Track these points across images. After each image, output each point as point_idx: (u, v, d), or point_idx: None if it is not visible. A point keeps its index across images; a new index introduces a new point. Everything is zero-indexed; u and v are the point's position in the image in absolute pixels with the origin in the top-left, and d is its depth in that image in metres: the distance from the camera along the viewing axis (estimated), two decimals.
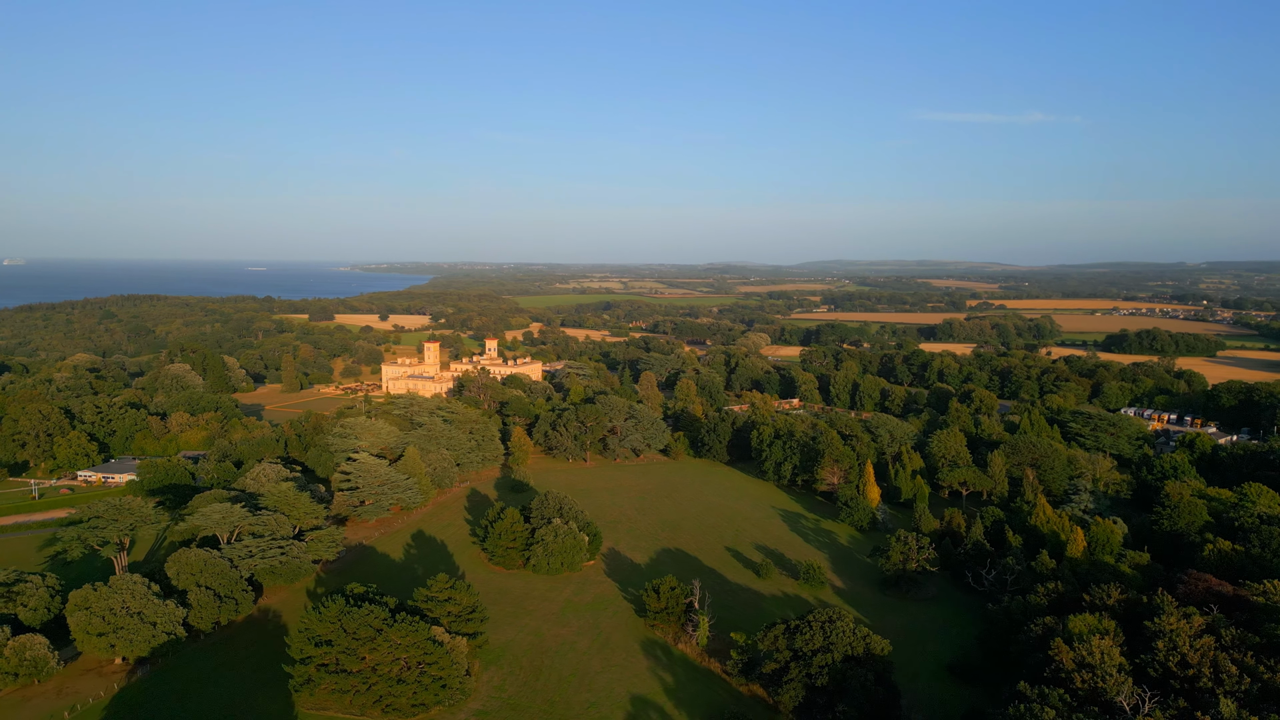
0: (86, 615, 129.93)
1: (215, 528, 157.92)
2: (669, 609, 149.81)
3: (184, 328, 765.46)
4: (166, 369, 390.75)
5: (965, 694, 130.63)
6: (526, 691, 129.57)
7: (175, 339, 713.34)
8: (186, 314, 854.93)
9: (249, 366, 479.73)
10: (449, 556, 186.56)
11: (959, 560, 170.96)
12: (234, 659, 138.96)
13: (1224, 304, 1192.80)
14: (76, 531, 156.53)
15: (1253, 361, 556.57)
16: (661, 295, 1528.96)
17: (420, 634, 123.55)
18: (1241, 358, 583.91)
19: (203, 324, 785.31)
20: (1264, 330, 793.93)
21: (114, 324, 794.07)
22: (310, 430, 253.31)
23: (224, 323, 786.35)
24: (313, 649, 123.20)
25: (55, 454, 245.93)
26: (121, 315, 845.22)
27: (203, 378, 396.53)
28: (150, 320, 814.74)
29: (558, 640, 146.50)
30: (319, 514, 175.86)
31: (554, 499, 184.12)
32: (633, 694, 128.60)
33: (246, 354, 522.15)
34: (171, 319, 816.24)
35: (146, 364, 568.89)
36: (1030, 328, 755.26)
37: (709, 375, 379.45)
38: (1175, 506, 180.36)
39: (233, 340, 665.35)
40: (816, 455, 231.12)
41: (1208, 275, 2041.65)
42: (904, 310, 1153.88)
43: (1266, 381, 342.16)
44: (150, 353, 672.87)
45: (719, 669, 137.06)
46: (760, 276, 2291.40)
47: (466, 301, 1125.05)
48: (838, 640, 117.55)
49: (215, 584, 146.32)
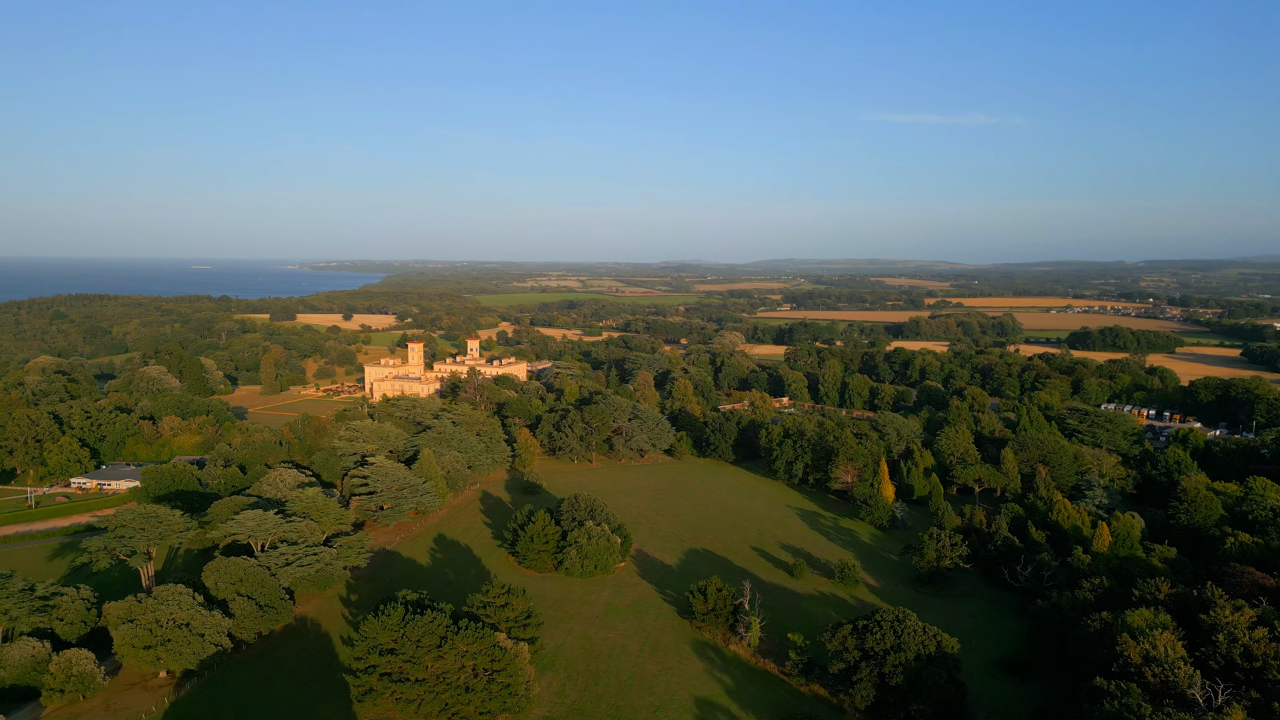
0: (132, 628, 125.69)
1: (250, 535, 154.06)
2: (716, 610, 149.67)
3: (142, 328, 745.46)
4: (141, 371, 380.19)
5: (1022, 690, 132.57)
6: (589, 697, 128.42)
7: (134, 340, 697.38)
8: (142, 314, 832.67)
9: (220, 368, 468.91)
10: (476, 560, 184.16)
11: (990, 557, 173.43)
12: (283, 669, 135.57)
13: (1170, 301, 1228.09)
14: (103, 541, 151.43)
15: (1212, 357, 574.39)
16: (622, 294, 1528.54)
17: (487, 641, 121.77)
18: (1200, 354, 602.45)
19: (161, 324, 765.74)
20: (1215, 327, 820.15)
21: (67, 324, 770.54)
22: (312, 434, 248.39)
23: (184, 323, 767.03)
24: (377, 658, 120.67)
25: (46, 461, 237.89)
26: (73, 316, 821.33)
27: (179, 380, 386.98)
28: (104, 320, 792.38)
29: (607, 644, 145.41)
30: (347, 520, 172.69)
31: (584, 501, 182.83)
32: (695, 696, 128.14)
33: (216, 355, 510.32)
34: (127, 319, 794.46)
35: (109, 366, 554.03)
36: (994, 325, 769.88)
37: (698, 374, 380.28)
38: (1192, 501, 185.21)
39: (195, 341, 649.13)
40: (830, 454, 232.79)
41: (1147, 273, 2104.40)
42: (864, 308, 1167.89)
43: (1242, 377, 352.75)
44: (108, 354, 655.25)
45: (775, 669, 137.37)
46: (716, 275, 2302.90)
47: (429, 301, 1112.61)
48: (909, 639, 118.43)
49: (256, 593, 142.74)
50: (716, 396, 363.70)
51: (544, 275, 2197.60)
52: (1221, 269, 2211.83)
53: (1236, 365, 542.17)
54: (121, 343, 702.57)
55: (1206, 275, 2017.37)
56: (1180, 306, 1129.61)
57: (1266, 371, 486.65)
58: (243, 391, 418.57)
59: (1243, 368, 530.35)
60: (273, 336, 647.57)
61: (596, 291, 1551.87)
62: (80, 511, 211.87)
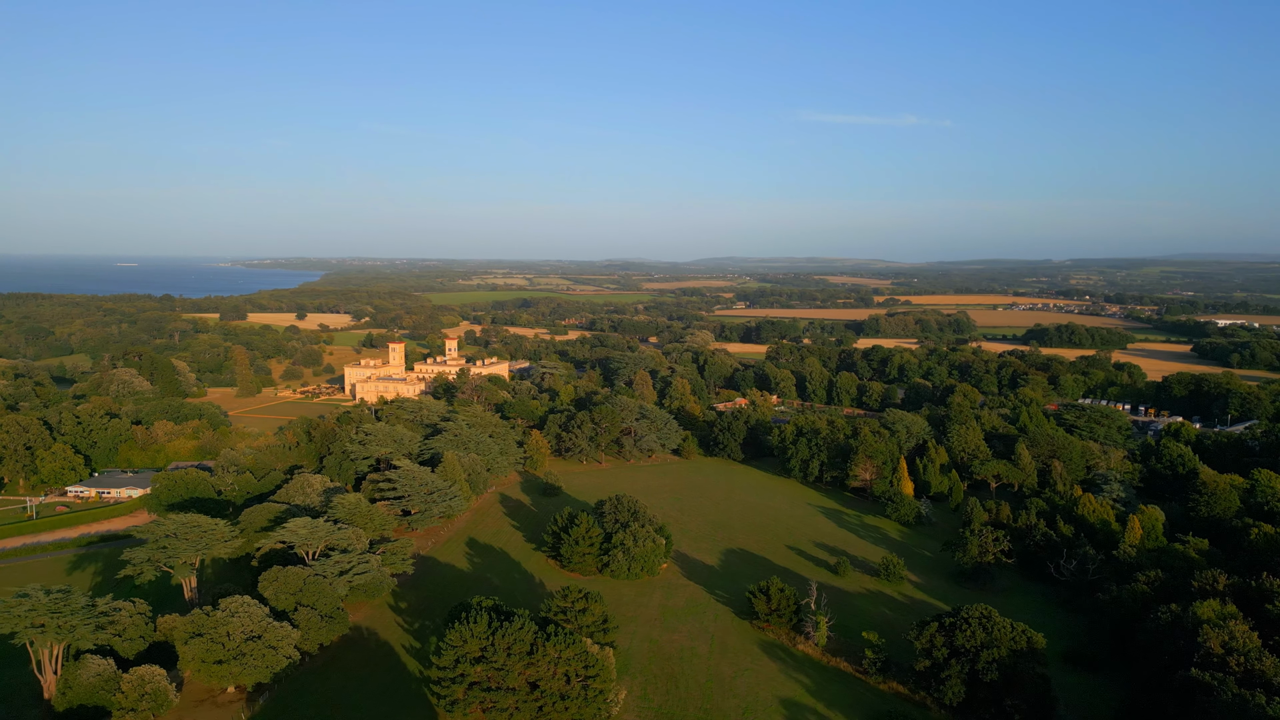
0: (204, 642, 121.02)
1: (304, 543, 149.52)
2: (779, 610, 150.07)
3: (87, 329, 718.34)
4: (111, 374, 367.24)
5: (1092, 683, 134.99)
6: (673, 700, 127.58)
7: (80, 341, 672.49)
8: (84, 314, 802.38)
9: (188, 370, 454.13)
10: (516, 564, 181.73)
11: (1028, 551, 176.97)
12: (352, 681, 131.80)
13: (1107, 299, 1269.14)
14: (146, 553, 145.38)
15: (1164, 353, 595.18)
16: (573, 292, 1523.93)
17: (578, 646, 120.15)
18: (1151, 349, 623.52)
19: (106, 325, 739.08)
20: (1157, 324, 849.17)
21: (5, 325, 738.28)
22: (320, 437, 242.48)
23: (130, 323, 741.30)
24: (468, 667, 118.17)
25: (39, 469, 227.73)
26: (9, 315, 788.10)
27: (150, 383, 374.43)
28: (44, 321, 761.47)
29: (674, 646, 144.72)
30: (390, 526, 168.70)
31: (626, 502, 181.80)
32: (779, 697, 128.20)
33: (179, 357, 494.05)
34: (69, 319, 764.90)
35: (59, 369, 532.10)
36: (950, 323, 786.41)
37: (685, 373, 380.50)
38: (1212, 493, 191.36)
39: (147, 342, 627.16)
40: (846, 452, 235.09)
41: (1074, 271, 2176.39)
42: (816, 306, 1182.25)
43: (1214, 373, 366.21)
44: (52, 356, 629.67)
45: (848, 668, 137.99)
46: (663, 274, 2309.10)
47: (381, 299, 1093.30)
48: (1000, 635, 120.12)
49: (316, 603, 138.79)
50: (707, 396, 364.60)
51: (489, 273, 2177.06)
52: (1143, 267, 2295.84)
53: (1188, 360, 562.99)
54: (66, 344, 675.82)
55: (1130, 273, 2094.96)
56: (1118, 304, 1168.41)
57: (1215, 366, 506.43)
58: (214, 394, 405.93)
59: (1194, 363, 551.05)
60: (232, 337, 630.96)
61: (546, 290, 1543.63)
62: (87, 521, 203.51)
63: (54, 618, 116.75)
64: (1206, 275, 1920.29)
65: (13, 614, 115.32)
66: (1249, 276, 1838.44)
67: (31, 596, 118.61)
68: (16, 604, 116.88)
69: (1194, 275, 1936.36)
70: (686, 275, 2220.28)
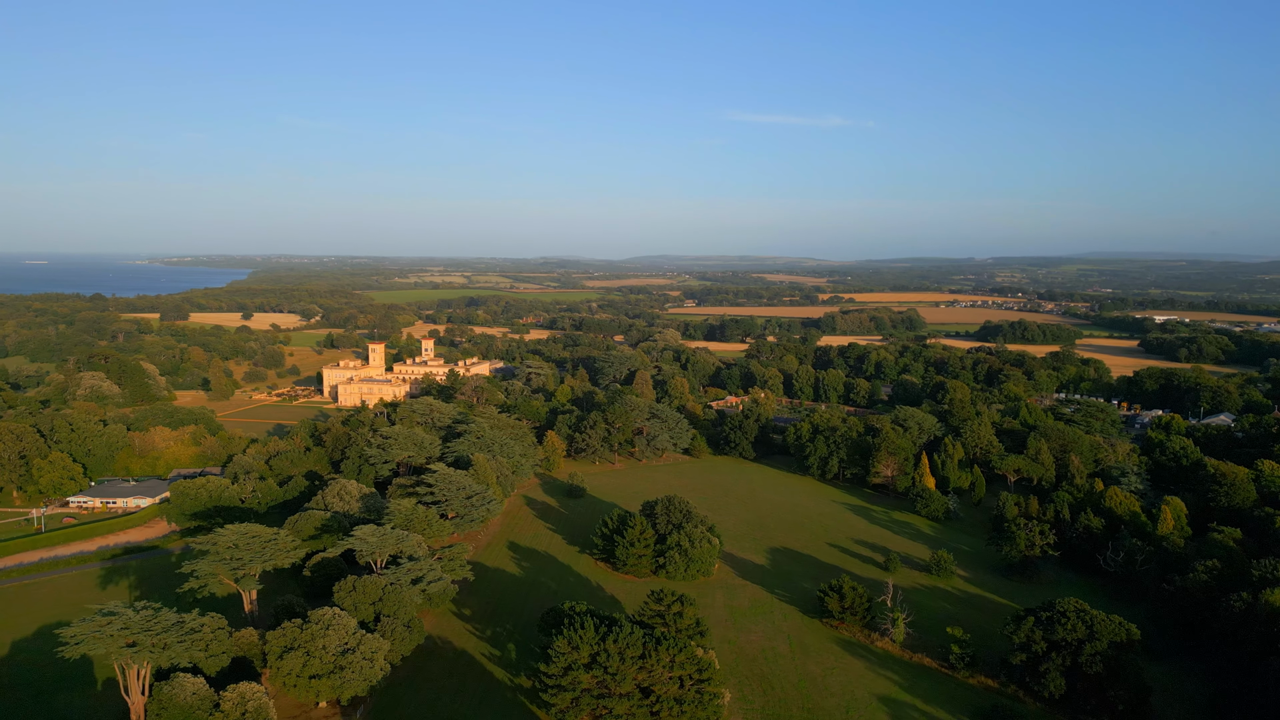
0: (301, 656, 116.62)
1: (374, 551, 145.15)
2: (853, 608, 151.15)
3: (21, 330, 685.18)
4: (78, 378, 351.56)
5: (1166, 671, 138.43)
6: (773, 701, 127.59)
7: (15, 343, 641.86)
8: (15, 315, 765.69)
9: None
10: (566, 568, 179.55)
11: (1071, 543, 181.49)
12: (444, 690, 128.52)
13: (1040, 296, 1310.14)
14: (210, 565, 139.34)
15: (1114, 349, 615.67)
16: (517, 290, 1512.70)
17: (689, 650, 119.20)
18: (1100, 345, 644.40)
19: (41, 326, 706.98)
20: (1095, 320, 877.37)
21: None
22: (332, 441, 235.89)
23: (68, 324, 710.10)
24: (582, 674, 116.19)
25: (36, 479, 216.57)
26: None
27: (118, 387, 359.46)
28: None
29: (754, 647, 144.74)
30: (447, 531, 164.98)
31: (679, 503, 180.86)
32: (875, 694, 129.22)
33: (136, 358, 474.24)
34: (2, 320, 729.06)
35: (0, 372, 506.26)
36: (903, 320, 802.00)
37: (671, 372, 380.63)
38: (1232, 484, 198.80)
39: (90, 344, 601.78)
40: (866, 449, 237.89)
41: (997, 269, 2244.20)
42: (763, 304, 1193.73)
43: (1183, 368, 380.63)
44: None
45: (932, 663, 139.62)
46: (600, 271, 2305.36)
47: (324, 298, 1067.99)
48: (1102, 629, 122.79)
49: (397, 612, 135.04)
50: (697, 394, 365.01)
51: (423, 270, 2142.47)
52: (1061, 265, 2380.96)
53: (1136, 355, 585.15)
54: (0, 346, 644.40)
55: (1051, 271, 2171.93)
56: (1051, 300, 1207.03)
57: (1165, 360, 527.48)
58: (184, 398, 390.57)
59: (1142, 357, 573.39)
60: (183, 338, 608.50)
61: (487, 288, 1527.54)
62: (102, 533, 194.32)
63: (147, 635, 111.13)
64: (1121, 273, 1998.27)
65: (105, 634, 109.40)
66: (1159, 274, 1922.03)
67: (121, 615, 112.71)
68: (107, 623, 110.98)
69: (1109, 273, 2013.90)
70: (625, 273, 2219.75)
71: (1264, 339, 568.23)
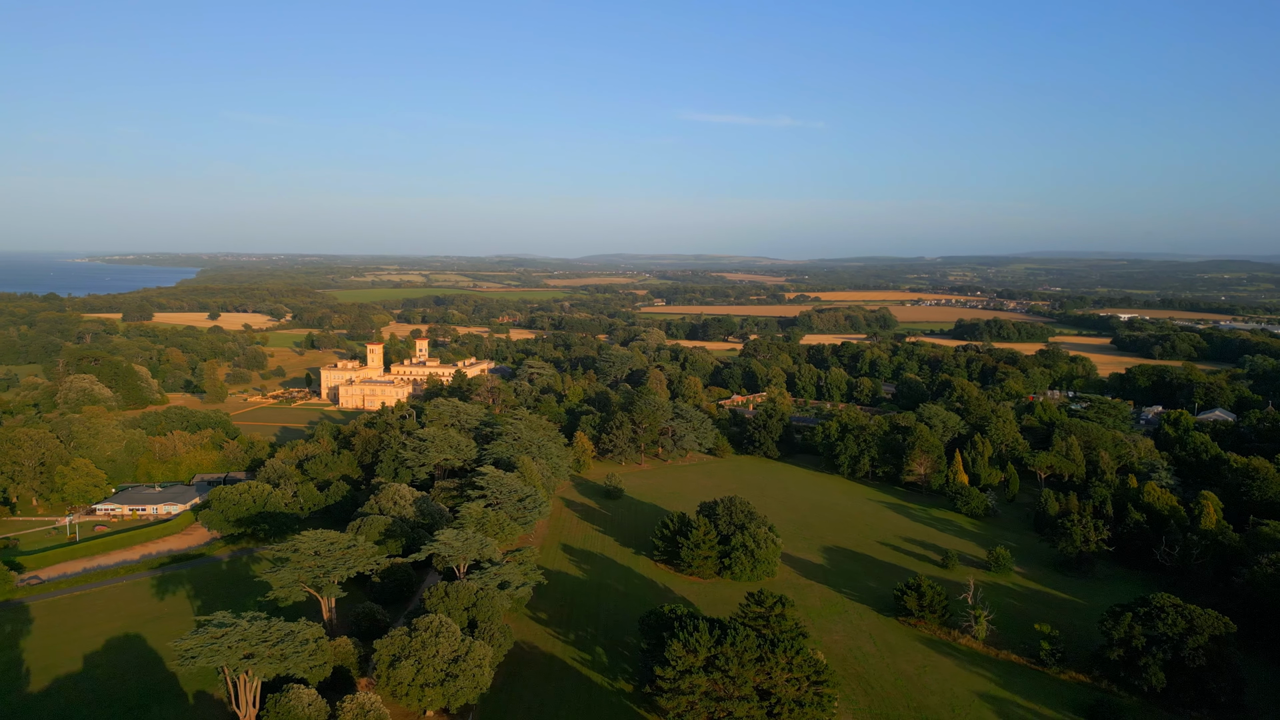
0: (413, 665, 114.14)
1: (459, 555, 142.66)
2: (932, 606, 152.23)
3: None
4: (69, 381, 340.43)
5: (1248, 664, 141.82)
6: (878, 701, 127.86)
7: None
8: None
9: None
10: (628, 569, 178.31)
11: (1122, 538, 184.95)
12: (547, 697, 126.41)
13: (999, 294, 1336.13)
14: (293, 573, 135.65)
15: (1088, 346, 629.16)
16: (479, 289, 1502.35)
17: (805, 653, 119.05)
18: (1073, 343, 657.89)
19: (2, 326, 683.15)
20: (1060, 318, 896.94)
21: None
22: (361, 444, 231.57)
23: (29, 324, 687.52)
24: (699, 677, 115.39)
25: (59, 486, 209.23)
26: None
27: (111, 390, 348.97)
28: None
29: (840, 646, 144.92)
30: (517, 535, 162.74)
31: (740, 503, 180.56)
32: (976, 692, 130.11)
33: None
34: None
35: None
36: (877, 319, 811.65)
37: (676, 371, 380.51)
38: (1264, 478, 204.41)
39: (56, 345, 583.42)
40: (897, 447, 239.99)
41: (948, 268, 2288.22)
42: (731, 303, 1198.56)
43: (1174, 365, 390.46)
44: None
45: (1021, 660, 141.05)
46: (558, 270, 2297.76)
47: (287, 297, 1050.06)
48: (1202, 623, 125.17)
49: (490, 618, 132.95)
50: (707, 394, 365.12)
51: (379, 269, 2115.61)
52: (1010, 264, 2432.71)
53: (1111, 352, 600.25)
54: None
55: (1000, 269, 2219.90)
56: (1012, 299, 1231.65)
57: (1139, 357, 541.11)
58: (176, 400, 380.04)
59: (1116, 354, 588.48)
60: (157, 339, 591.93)
61: (448, 287, 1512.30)
62: (140, 541, 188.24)
63: (264, 646, 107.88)
64: (1068, 272, 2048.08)
65: (222, 646, 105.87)
66: (1104, 273, 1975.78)
67: (237, 626, 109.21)
68: (223, 634, 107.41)
69: (1055, 272, 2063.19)
70: (585, 272, 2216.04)
71: (1233, 336, 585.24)
